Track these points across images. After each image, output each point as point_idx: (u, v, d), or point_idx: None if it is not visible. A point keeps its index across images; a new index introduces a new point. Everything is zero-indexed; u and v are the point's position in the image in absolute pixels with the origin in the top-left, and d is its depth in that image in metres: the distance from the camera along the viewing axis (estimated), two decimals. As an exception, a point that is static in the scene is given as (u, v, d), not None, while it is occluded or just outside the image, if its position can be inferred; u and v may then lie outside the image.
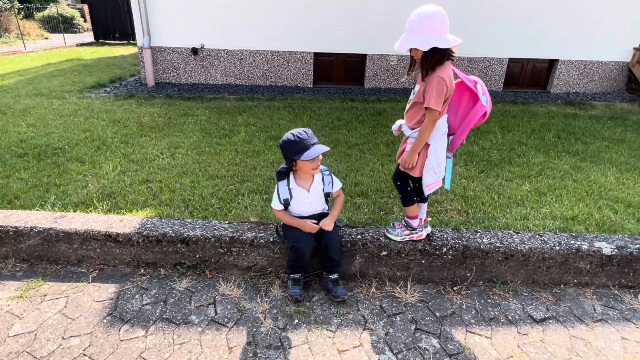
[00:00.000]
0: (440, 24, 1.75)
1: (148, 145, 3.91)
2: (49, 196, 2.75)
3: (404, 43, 1.81)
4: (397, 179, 2.12)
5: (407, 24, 1.80)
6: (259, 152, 3.79)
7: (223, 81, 6.80)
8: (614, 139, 4.55)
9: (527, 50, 6.68)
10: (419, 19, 1.76)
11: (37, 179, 3.05)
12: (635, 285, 2.21)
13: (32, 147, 3.73)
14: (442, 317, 1.97)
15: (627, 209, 2.89)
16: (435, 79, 1.79)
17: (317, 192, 2.05)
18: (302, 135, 1.88)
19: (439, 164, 1.98)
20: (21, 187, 2.93)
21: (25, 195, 2.81)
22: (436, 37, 1.73)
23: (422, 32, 1.75)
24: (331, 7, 6.33)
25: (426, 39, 1.74)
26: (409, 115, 2.01)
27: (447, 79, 1.79)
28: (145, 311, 1.92)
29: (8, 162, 3.40)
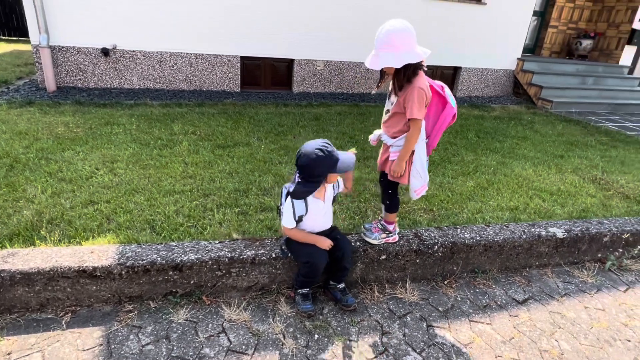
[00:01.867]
0: (409, 39, 1.81)
1: (75, 160, 3.40)
2: None
3: (377, 62, 1.84)
4: (388, 188, 2.20)
5: (377, 41, 1.84)
6: (211, 163, 3.56)
7: (140, 85, 6.20)
8: (519, 136, 5.30)
9: (436, 58, 7.40)
10: (388, 36, 1.80)
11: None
12: (579, 262, 2.64)
13: None
14: (445, 311, 2.10)
15: (551, 196, 3.40)
16: (415, 89, 1.86)
17: (329, 200, 2.02)
18: (329, 147, 1.81)
19: (423, 168, 2.10)
20: None
21: None
22: (406, 53, 1.80)
23: (394, 50, 1.79)
24: (258, 12, 6.22)
25: (398, 56, 1.79)
26: (388, 125, 2.08)
27: (425, 88, 1.89)
28: (148, 352, 1.68)
29: None
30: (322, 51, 6.80)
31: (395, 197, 2.20)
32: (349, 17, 6.67)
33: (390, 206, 2.21)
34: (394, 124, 2.02)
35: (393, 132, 2.03)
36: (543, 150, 4.77)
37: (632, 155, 4.83)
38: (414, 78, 1.87)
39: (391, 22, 1.80)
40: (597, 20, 9.04)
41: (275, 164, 3.66)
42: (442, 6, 7.12)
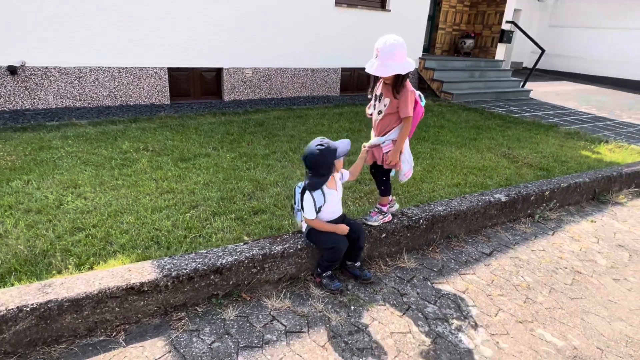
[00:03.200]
0: (405, 51, 2.24)
1: (31, 190, 3.16)
2: None
3: (385, 70, 2.20)
4: (382, 176, 2.59)
5: (380, 52, 2.18)
6: (181, 177, 3.58)
7: (58, 104, 5.68)
8: (438, 125, 6.15)
9: (353, 61, 8.07)
10: (392, 48, 2.17)
11: None
12: (517, 218, 3.35)
13: None
14: (438, 270, 2.57)
15: (480, 172, 4.15)
16: (407, 93, 2.29)
17: (340, 189, 2.30)
18: (325, 140, 2.12)
19: (410, 155, 2.56)
20: None
21: None
22: (406, 62, 2.21)
23: (398, 60, 2.19)
24: (183, 22, 6.14)
25: (403, 65, 2.20)
26: (382, 124, 2.45)
27: (412, 92, 2.35)
28: (218, 348, 1.83)
29: None
30: (249, 59, 6.97)
31: (388, 182, 2.60)
32: (273, 25, 6.95)
33: (385, 191, 2.61)
34: (388, 123, 2.41)
35: (386, 130, 2.42)
36: (459, 135, 5.64)
37: (523, 133, 5.97)
38: (406, 83, 2.28)
39: (393, 37, 2.17)
40: (474, 22, 10.68)
41: (244, 170, 3.81)
42: (353, 13, 7.80)
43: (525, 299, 2.37)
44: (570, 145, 5.48)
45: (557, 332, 2.12)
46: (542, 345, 2.03)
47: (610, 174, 4.01)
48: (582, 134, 6.21)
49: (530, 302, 2.35)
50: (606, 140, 5.80)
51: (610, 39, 13.57)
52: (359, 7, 7.80)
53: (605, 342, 2.08)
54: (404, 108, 2.28)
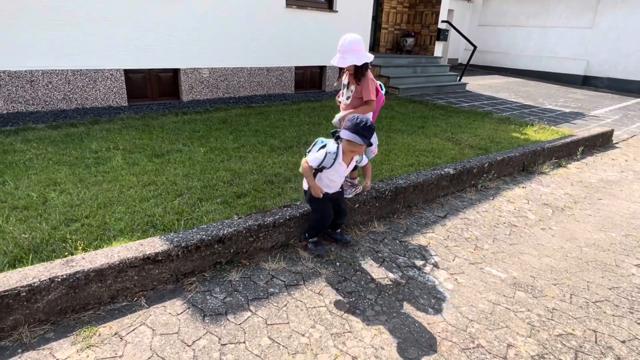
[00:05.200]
0: (362, 45, 2.69)
1: (10, 189, 3.21)
2: None
3: (344, 61, 2.66)
4: None
5: (341, 47, 2.67)
6: (159, 171, 3.76)
7: (9, 109, 5.51)
8: (389, 117, 6.71)
9: (304, 59, 8.47)
10: (350, 43, 2.65)
11: None
12: (463, 188, 3.92)
13: None
14: (404, 232, 3.03)
15: (429, 153, 4.71)
16: (367, 80, 2.76)
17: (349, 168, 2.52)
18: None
19: (375, 135, 2.97)
20: None
21: None
22: (363, 55, 2.68)
23: (355, 53, 2.65)
24: (137, 23, 6.17)
25: (359, 57, 2.66)
26: (351, 105, 2.89)
27: (373, 78, 2.81)
28: (231, 301, 2.13)
29: None
30: (206, 59, 7.12)
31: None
32: (228, 26, 7.16)
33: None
34: (355, 105, 2.83)
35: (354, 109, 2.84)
36: (409, 124, 6.24)
37: (463, 120, 6.70)
38: (366, 72, 2.70)
39: (351, 35, 2.61)
40: (413, 22, 11.51)
41: (218, 162, 4.06)
42: (303, 14, 8.19)
43: (475, 247, 2.89)
44: (503, 129, 6.26)
45: (500, 268, 2.65)
46: (490, 278, 2.54)
47: (536, 149, 4.74)
48: (512, 119, 7.08)
49: (479, 249, 2.87)
50: (532, 124, 6.68)
51: (533, 36, 15.16)
52: (308, 8, 8.21)
53: (537, 272, 2.64)
54: (365, 92, 2.73)
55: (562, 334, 2.09)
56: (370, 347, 1.92)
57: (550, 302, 2.35)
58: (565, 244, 3.06)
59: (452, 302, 2.29)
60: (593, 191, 4.23)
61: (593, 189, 4.29)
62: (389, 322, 2.08)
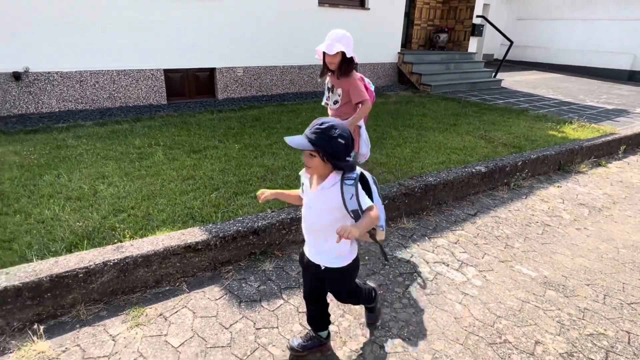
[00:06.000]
0: (351, 43, 2.54)
1: (64, 182, 3.48)
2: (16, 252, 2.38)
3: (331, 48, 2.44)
4: None
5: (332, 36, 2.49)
6: (197, 166, 3.96)
7: (61, 108, 5.93)
8: (420, 114, 6.68)
9: (337, 57, 8.54)
10: (343, 35, 2.50)
11: (-15, 238, 2.50)
12: (495, 186, 3.88)
13: None
14: (433, 228, 3.06)
15: (461, 151, 4.68)
16: (355, 81, 2.58)
17: (325, 202, 1.55)
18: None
19: (367, 138, 2.86)
20: (-38, 253, 2.39)
21: None
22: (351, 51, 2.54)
23: (347, 45, 2.50)
24: (177, 25, 6.45)
25: (349, 50, 2.51)
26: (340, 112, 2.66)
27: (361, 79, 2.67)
28: (265, 290, 2.25)
29: None
30: (240, 58, 7.33)
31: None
32: (262, 26, 7.34)
33: None
34: (346, 110, 2.67)
35: (345, 117, 2.63)
36: (440, 121, 6.19)
37: (497, 117, 6.57)
38: (351, 73, 2.57)
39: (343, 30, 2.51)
40: (447, 18, 11.31)
41: (252, 158, 4.21)
42: (335, 12, 8.26)
43: (505, 246, 2.88)
44: (539, 126, 6.09)
45: (531, 267, 2.64)
46: (520, 276, 2.53)
47: (573, 148, 4.60)
48: (550, 116, 6.86)
49: (509, 248, 2.86)
50: (570, 121, 6.45)
51: (576, 29, 14.50)
52: (340, 6, 8.27)
53: (569, 272, 2.61)
54: (356, 94, 2.53)
55: (593, 334, 2.08)
56: (397, 337, 1.99)
57: (582, 302, 2.33)
58: (601, 244, 2.99)
59: (480, 298, 2.31)
60: (634, 191, 4.07)
61: (634, 189, 4.13)
62: (416, 315, 2.14)
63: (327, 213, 1.58)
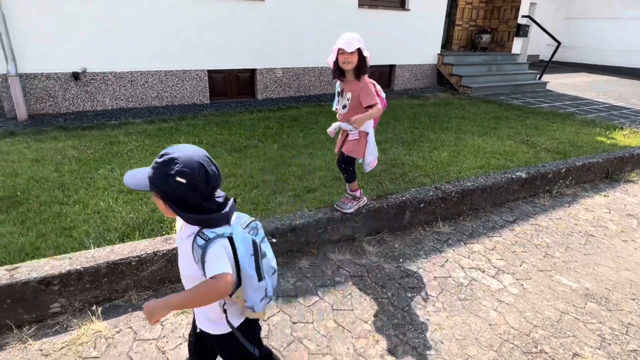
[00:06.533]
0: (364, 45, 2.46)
1: (117, 175, 3.74)
2: (76, 239, 2.59)
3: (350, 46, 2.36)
4: (342, 164, 2.73)
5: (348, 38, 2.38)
6: (237, 164, 4.12)
7: (113, 106, 6.32)
8: (459, 117, 6.57)
9: (375, 58, 8.53)
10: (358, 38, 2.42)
11: (33, 229, 2.72)
12: (536, 193, 3.78)
13: (-31, 202, 3.12)
14: (469, 234, 3.04)
15: (501, 156, 4.57)
16: (366, 84, 2.47)
17: (185, 251, 1.24)
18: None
19: (375, 146, 2.74)
20: (29, 239, 2.63)
21: (44, 243, 2.57)
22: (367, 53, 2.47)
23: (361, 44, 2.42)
24: (221, 27, 6.71)
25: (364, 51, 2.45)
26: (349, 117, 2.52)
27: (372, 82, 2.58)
28: (301, 286, 2.34)
29: (-32, 220, 2.85)
30: (280, 60, 7.50)
31: (349, 169, 2.72)
32: (301, 27, 7.47)
33: (349, 178, 2.74)
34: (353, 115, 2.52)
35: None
36: (480, 125, 6.06)
37: (541, 122, 6.34)
38: (363, 77, 2.49)
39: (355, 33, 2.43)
40: (490, 18, 11.00)
41: (290, 158, 4.33)
42: (376, 13, 8.26)
43: (545, 255, 2.82)
44: (587, 132, 5.83)
45: (572, 278, 2.57)
46: (560, 286, 2.48)
47: (623, 155, 4.39)
48: (598, 121, 6.54)
49: (549, 257, 2.80)
50: (621, 127, 6.13)
51: (627, 29, 13.67)
52: (380, 7, 8.26)
53: (613, 284, 2.52)
54: (367, 97, 2.43)
55: (636, 350, 2.01)
56: (430, 340, 2.01)
57: (627, 316, 2.25)
58: (650, 258, 2.86)
59: (517, 306, 2.29)
60: (691, 204, 3.84)
61: (691, 202, 3.89)
62: (449, 319, 2.16)
63: (189, 264, 1.22)
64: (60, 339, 1.93)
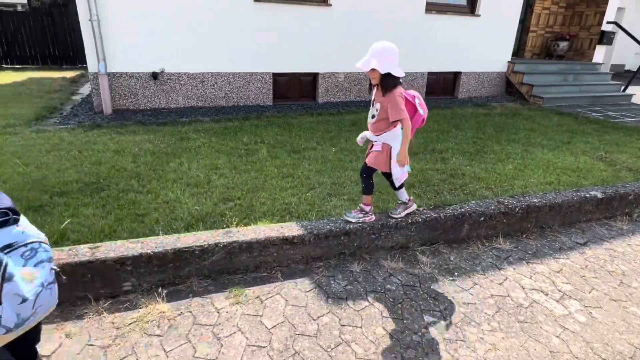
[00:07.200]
0: (395, 57, 2.36)
1: (184, 169, 3.99)
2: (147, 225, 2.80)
3: (367, 64, 2.33)
4: (364, 173, 2.66)
5: (371, 50, 2.35)
6: (296, 165, 4.22)
7: (185, 104, 6.78)
8: (527, 129, 6.20)
9: (439, 65, 8.32)
10: (383, 48, 2.32)
11: (112, 213, 2.99)
12: (613, 216, 3.47)
13: (60, 186, 3.50)
14: (533, 253, 2.87)
15: (574, 173, 4.25)
16: (394, 97, 2.37)
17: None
18: None
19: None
20: (108, 221, 2.90)
21: (120, 227, 2.82)
22: (390, 64, 2.32)
23: (384, 60, 2.33)
24: (285, 33, 6.93)
25: (385, 66, 2.31)
26: (375, 127, 2.53)
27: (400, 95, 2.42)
28: (351, 290, 2.36)
29: (55, 202, 3.20)
30: (343, 64, 7.57)
31: (369, 181, 2.66)
32: (365, 33, 7.49)
33: (366, 189, 2.68)
34: (380, 126, 2.51)
35: (378, 132, 2.54)
36: (551, 138, 5.67)
37: (622, 138, 5.80)
38: (394, 89, 2.38)
39: (385, 42, 2.38)
40: (570, 24, 10.25)
41: (347, 162, 4.35)
42: (442, 19, 8.05)
43: (620, 283, 2.58)
44: (678, 151, 5.23)
45: (651, 311, 2.32)
46: (636, 320, 2.26)
47: None
48: (694, 140, 5.83)
49: (625, 286, 2.55)
50: None
51: None
52: (448, 13, 8.04)
53: (702, 324, 2.25)
54: (393, 112, 2.36)
55: None
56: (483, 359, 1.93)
57: None
58: None
59: (583, 336, 2.12)
60: None
61: None
62: (505, 340, 2.05)
63: None
64: (129, 315, 2.12)
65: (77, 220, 2.85)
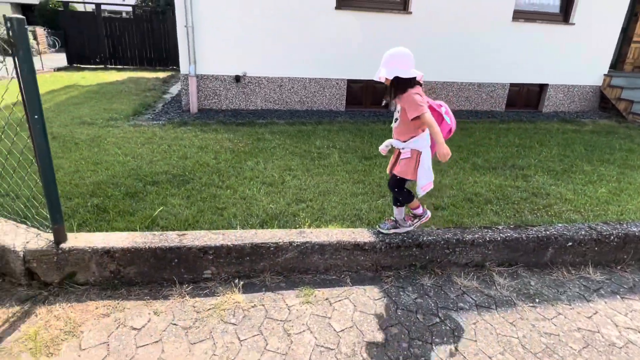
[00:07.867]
0: (404, 60, 2.25)
1: (260, 169, 4.17)
2: (226, 218, 2.96)
3: (377, 74, 2.30)
4: (394, 187, 2.55)
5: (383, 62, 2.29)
6: (366, 171, 4.22)
7: (263, 106, 7.11)
8: (624, 149, 5.59)
9: (522, 76, 7.82)
10: (389, 56, 2.27)
11: (195, 204, 3.21)
12: None
13: (152, 176, 3.84)
14: (630, 287, 2.58)
15: (682, 202, 3.75)
16: (409, 95, 2.26)
17: None
18: None
19: (430, 169, 2.43)
20: (192, 212, 3.12)
21: (202, 218, 3.01)
22: (400, 70, 2.23)
23: (389, 66, 2.23)
24: (361, 41, 6.98)
25: (391, 71, 2.23)
26: (399, 132, 2.46)
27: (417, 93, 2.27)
28: (421, 303, 2.30)
29: (148, 190, 3.51)
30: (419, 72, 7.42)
31: (403, 191, 2.56)
32: (443, 42, 7.28)
33: (406, 199, 2.57)
34: (404, 130, 2.41)
35: (404, 138, 2.42)
36: (655, 161, 5.05)
37: None
38: (409, 89, 2.27)
39: (393, 49, 2.28)
40: (683, 35, 9.07)
41: (419, 172, 4.24)
42: (531, 28, 7.56)
43: None
44: None
45: None
46: None
47: None
48: None
49: None
50: None
51: None
52: (538, 21, 7.54)
53: None
54: (410, 109, 2.25)
55: None
56: (566, 397, 1.78)
57: None
58: None
59: (690, 388, 1.86)
60: None
61: None
62: (594, 380, 1.87)
63: None
64: (208, 301, 2.27)
65: (166, 209, 3.11)
